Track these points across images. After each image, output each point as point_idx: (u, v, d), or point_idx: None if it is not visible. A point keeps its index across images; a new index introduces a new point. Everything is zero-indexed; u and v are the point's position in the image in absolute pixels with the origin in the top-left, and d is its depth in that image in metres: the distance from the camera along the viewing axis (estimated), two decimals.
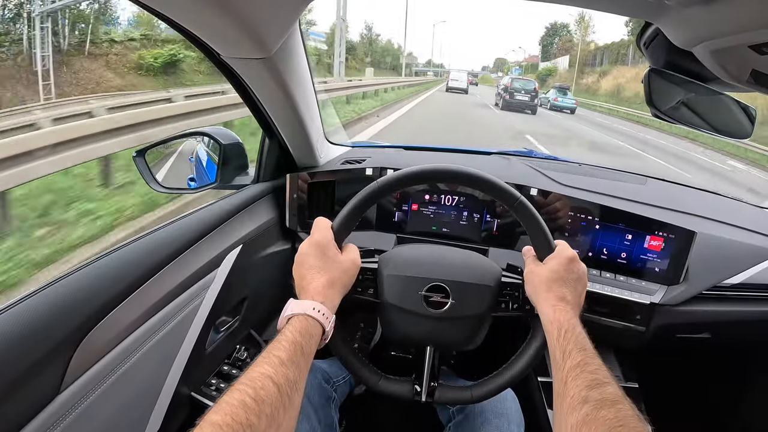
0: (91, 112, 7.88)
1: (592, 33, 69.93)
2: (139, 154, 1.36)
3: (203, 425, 0.55)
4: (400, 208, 1.47)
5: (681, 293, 1.29)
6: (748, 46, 0.65)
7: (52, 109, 10.13)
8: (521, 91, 24.48)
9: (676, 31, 0.75)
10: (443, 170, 0.95)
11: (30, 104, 13.83)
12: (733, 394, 1.76)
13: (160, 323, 0.93)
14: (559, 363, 0.75)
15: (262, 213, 1.36)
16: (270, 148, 1.42)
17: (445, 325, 0.98)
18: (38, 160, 4.34)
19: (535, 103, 24.78)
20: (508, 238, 1.43)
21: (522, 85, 25.24)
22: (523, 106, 24.06)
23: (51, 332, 0.73)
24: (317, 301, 0.79)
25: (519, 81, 26.27)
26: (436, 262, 1.02)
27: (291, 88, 1.13)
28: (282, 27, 0.92)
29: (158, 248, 0.98)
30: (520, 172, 1.58)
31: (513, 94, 24.36)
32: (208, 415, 0.56)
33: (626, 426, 0.61)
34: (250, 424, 0.56)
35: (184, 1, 0.75)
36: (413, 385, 0.99)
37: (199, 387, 1.08)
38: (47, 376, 0.72)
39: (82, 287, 0.81)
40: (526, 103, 24.23)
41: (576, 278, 0.89)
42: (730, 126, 1.00)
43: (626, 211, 1.34)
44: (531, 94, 24.50)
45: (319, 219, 0.92)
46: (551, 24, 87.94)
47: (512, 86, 24.86)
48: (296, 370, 0.68)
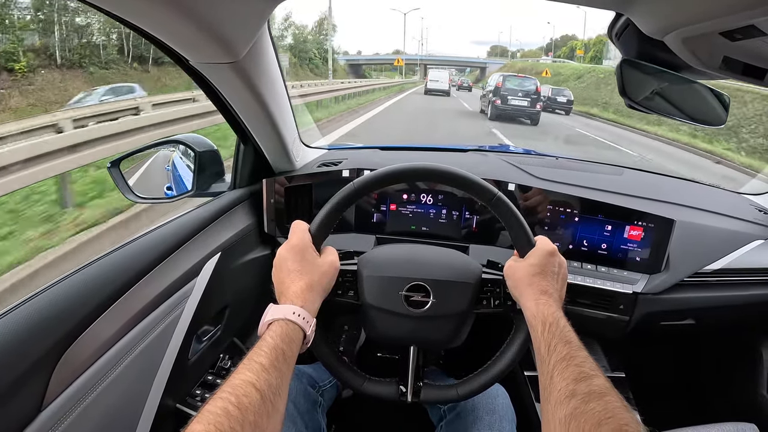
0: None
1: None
2: (114, 165, 1.34)
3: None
4: (378, 209, 1.46)
5: (663, 281, 1.31)
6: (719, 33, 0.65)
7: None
8: (517, 93, 17.37)
9: (647, 20, 0.75)
10: (419, 169, 0.95)
11: None
12: (719, 378, 1.78)
13: (140, 335, 0.91)
14: (545, 357, 0.75)
15: (240, 219, 1.34)
16: (245, 153, 1.40)
17: (427, 324, 0.97)
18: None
19: (537, 109, 17.59)
20: (489, 235, 1.43)
21: (518, 84, 17.84)
22: (519, 114, 17.54)
23: (29, 349, 0.71)
24: (297, 305, 0.78)
25: (514, 79, 18.35)
26: (415, 261, 1.01)
27: (262, 92, 1.12)
28: (250, 31, 0.91)
29: (135, 259, 0.96)
30: (497, 168, 1.58)
31: (506, 97, 17.34)
32: (192, 425, 0.55)
33: (615, 418, 0.60)
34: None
35: (148, 7, 0.73)
36: (398, 386, 0.99)
37: (184, 398, 1.06)
38: (27, 394, 0.71)
39: (59, 301, 0.79)
40: (524, 110, 17.44)
41: (557, 271, 0.89)
42: (705, 114, 1.00)
43: (604, 202, 1.35)
44: (531, 97, 17.40)
45: (297, 222, 0.92)
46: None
47: (505, 87, 17.60)
48: (278, 375, 0.67)
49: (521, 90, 17.53)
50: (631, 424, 0.60)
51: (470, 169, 0.95)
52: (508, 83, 17.86)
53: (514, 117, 17.40)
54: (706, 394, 1.83)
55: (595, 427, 0.60)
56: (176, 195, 1.47)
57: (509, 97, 17.34)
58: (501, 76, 18.36)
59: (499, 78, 18.36)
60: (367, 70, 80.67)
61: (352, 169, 1.47)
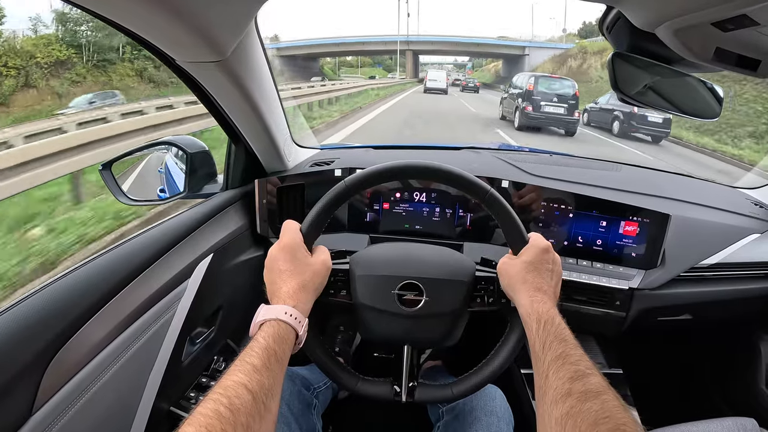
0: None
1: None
2: (105, 167, 1.32)
3: None
4: (371, 208, 1.46)
5: (659, 277, 1.30)
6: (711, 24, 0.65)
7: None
8: (552, 98, 13.82)
9: (638, 12, 0.75)
10: (411, 166, 0.94)
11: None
12: (718, 373, 1.78)
13: (132, 337, 0.90)
14: (540, 355, 0.74)
15: (233, 220, 1.33)
16: (237, 154, 1.40)
17: (420, 322, 0.96)
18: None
19: (575, 117, 13.99)
20: (483, 232, 1.43)
21: (553, 87, 14.31)
22: (554, 123, 14.11)
23: (19, 352, 0.71)
24: (289, 305, 0.77)
25: (548, 81, 14.79)
26: (408, 259, 1.00)
27: (251, 91, 1.11)
28: (236, 28, 0.90)
29: (127, 261, 0.95)
30: (490, 165, 1.57)
31: (539, 103, 13.82)
32: (183, 427, 0.55)
33: (612, 417, 0.60)
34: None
35: (132, 5, 0.72)
36: (393, 386, 0.98)
37: (178, 401, 1.06)
38: (18, 399, 0.70)
39: (49, 304, 0.78)
40: (561, 119, 13.90)
41: (551, 268, 0.88)
42: (699, 107, 1.00)
43: (599, 198, 1.34)
44: (569, 102, 13.79)
45: (288, 222, 0.91)
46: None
47: (537, 90, 14.08)
48: (271, 376, 0.66)
49: (557, 94, 13.93)
50: (629, 424, 0.59)
51: (463, 167, 0.94)
52: (542, 86, 14.28)
53: (546, 127, 14.35)
54: (704, 390, 1.83)
55: (591, 426, 0.59)
56: (169, 197, 1.46)
57: (542, 102, 13.85)
58: (532, 77, 14.84)
59: (529, 79, 14.75)
60: (326, 67, 63.28)
61: (344, 168, 1.47)
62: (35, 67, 21.37)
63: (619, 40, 0.90)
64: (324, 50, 60.55)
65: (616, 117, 14.71)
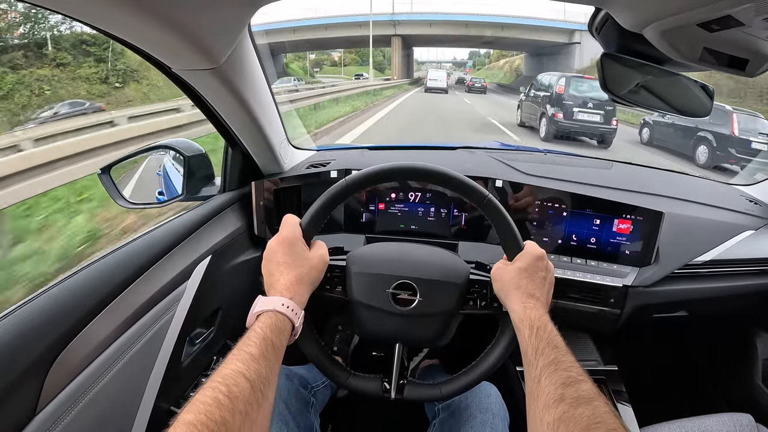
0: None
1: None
2: (104, 171, 1.33)
3: (177, 425, 0.55)
4: (367, 208, 1.47)
5: (653, 274, 1.31)
6: (697, 24, 0.66)
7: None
8: (587, 103, 11.45)
9: (625, 14, 0.76)
10: (411, 168, 0.95)
11: None
12: (713, 369, 1.79)
13: (133, 338, 0.92)
14: (532, 361, 0.76)
15: (230, 222, 1.34)
16: (233, 157, 1.41)
17: (413, 322, 0.98)
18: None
19: (613, 126, 11.46)
20: (478, 232, 1.43)
21: (590, 90, 11.65)
22: (588, 133, 11.75)
23: (22, 354, 0.72)
24: (286, 297, 0.79)
25: (581, 83, 12.06)
26: (403, 259, 1.02)
27: (246, 96, 1.12)
28: (229, 37, 0.91)
29: (126, 263, 0.97)
30: (484, 165, 1.57)
31: (571, 109, 11.50)
32: (182, 414, 0.56)
33: (603, 423, 0.61)
34: (224, 422, 0.56)
35: (125, 16, 0.73)
36: (383, 383, 0.99)
37: (178, 401, 1.06)
38: (21, 399, 0.71)
39: (52, 306, 0.80)
40: (596, 128, 11.53)
41: (544, 276, 0.89)
42: (691, 105, 1.01)
43: (592, 197, 1.35)
44: (606, 108, 11.36)
45: (288, 216, 0.92)
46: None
47: (568, 93, 11.67)
48: (268, 365, 0.68)
49: (592, 99, 11.47)
50: (620, 430, 0.60)
51: (457, 167, 0.95)
52: (573, 88, 11.79)
53: (580, 136, 11.90)
54: (700, 386, 1.84)
55: (584, 431, 0.60)
56: (167, 200, 1.47)
57: (575, 108, 11.48)
58: (563, 78, 12.24)
59: (559, 80, 12.20)
60: (293, 65, 50.06)
61: (340, 169, 1.47)
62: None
63: (608, 40, 0.91)
64: (274, 39, 43.27)
65: (703, 140, 10.33)
